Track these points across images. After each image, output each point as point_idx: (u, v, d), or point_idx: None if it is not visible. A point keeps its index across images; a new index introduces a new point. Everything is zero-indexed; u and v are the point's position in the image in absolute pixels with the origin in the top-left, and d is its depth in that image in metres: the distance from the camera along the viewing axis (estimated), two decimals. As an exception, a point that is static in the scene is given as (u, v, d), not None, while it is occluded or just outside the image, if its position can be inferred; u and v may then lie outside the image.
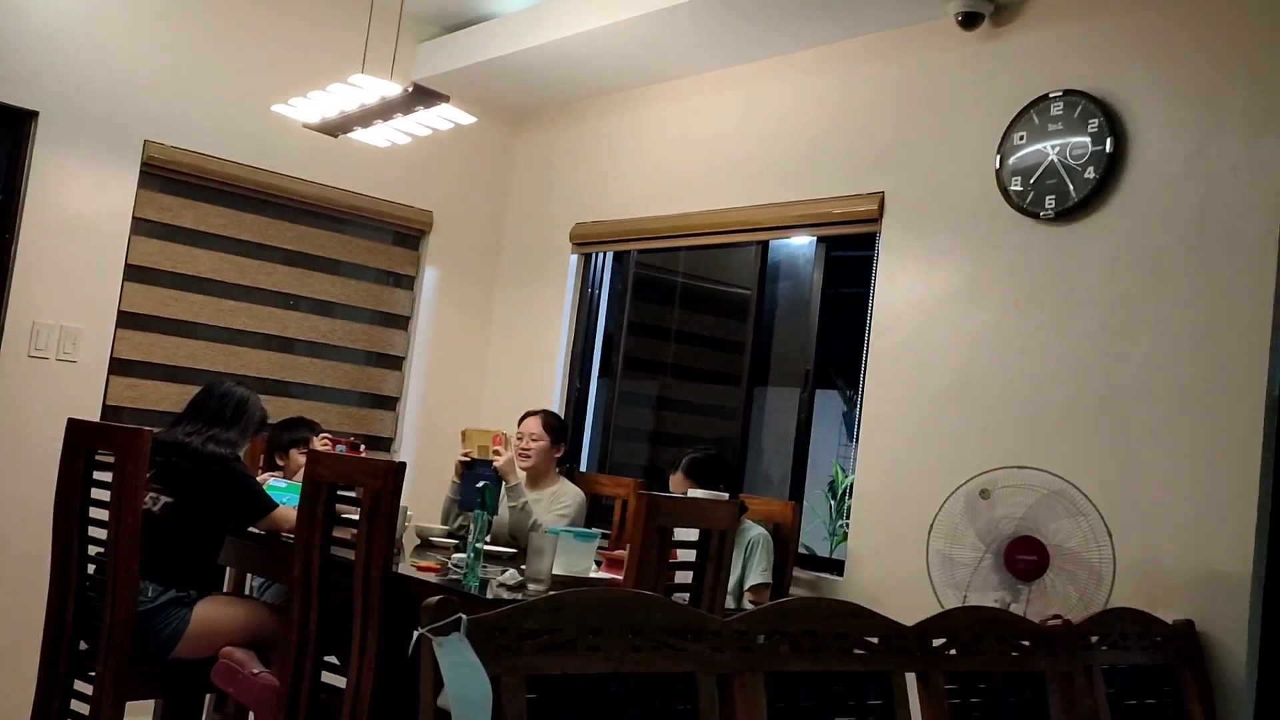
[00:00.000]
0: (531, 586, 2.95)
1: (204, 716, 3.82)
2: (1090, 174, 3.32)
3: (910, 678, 2.28)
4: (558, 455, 4.19)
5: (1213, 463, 2.99)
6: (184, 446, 3.32)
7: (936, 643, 2.35)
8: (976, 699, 2.39)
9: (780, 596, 3.59)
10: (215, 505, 3.31)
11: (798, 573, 3.83)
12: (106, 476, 3.19)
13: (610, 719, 1.83)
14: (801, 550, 4.10)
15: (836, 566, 3.88)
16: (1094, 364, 3.26)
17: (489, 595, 2.84)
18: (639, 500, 2.85)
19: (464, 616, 1.70)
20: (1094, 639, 2.70)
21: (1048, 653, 2.54)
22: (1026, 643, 2.52)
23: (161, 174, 4.48)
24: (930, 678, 2.31)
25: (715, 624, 2.02)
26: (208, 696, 3.74)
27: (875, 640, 2.24)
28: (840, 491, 5.98)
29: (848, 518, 3.91)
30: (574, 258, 5.04)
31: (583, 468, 4.89)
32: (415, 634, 1.71)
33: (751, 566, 3.60)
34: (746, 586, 3.58)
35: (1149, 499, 3.08)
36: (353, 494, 2.99)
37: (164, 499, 3.29)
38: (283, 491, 3.61)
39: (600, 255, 5.05)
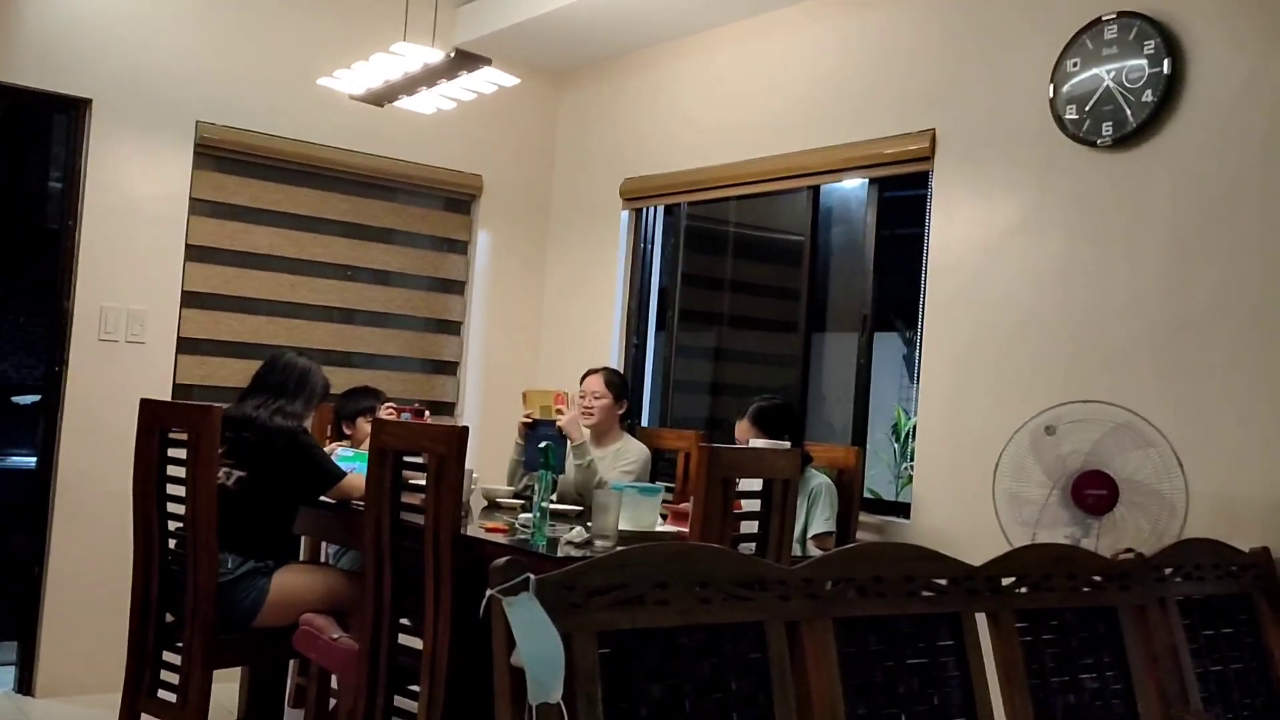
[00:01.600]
0: (598, 543, 2.98)
1: (289, 681, 3.93)
2: (1148, 98, 3.23)
3: (980, 618, 2.28)
4: (620, 412, 4.20)
5: (1286, 387, 2.92)
6: (252, 421, 3.39)
7: (1006, 582, 2.34)
8: (1049, 635, 2.37)
9: (845, 543, 3.59)
10: (285, 477, 3.39)
11: (864, 517, 3.82)
12: (181, 454, 3.27)
13: (682, 670, 1.85)
14: (867, 495, 4.09)
15: (903, 509, 3.87)
16: (1161, 292, 3.19)
17: (558, 553, 2.87)
18: (700, 453, 2.86)
19: (532, 576, 1.71)
20: (1167, 571, 2.66)
21: (1120, 587, 2.52)
22: (1098, 578, 2.49)
23: (215, 153, 4.55)
24: (1000, 617, 2.30)
25: (782, 573, 2.03)
26: (291, 661, 3.85)
27: (943, 582, 2.23)
28: (903, 434, 5.96)
29: (912, 460, 3.89)
30: (625, 213, 5.03)
31: (644, 423, 4.90)
32: (486, 594, 1.73)
33: (815, 515, 3.61)
34: (810, 535, 3.59)
35: (1221, 427, 3.03)
36: (419, 460, 3.03)
37: (237, 473, 3.37)
38: (350, 460, 3.67)
39: (651, 209, 5.04)
